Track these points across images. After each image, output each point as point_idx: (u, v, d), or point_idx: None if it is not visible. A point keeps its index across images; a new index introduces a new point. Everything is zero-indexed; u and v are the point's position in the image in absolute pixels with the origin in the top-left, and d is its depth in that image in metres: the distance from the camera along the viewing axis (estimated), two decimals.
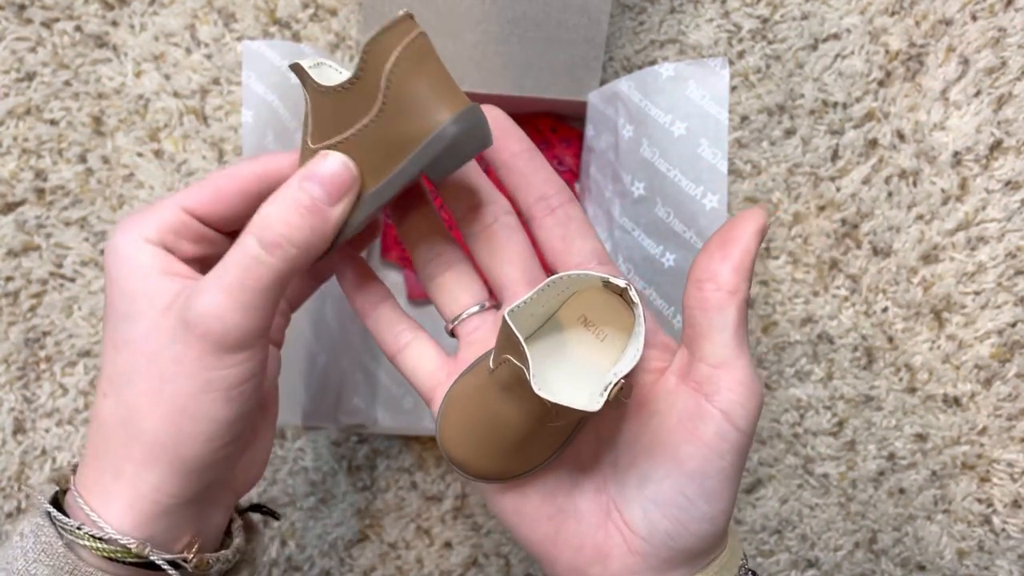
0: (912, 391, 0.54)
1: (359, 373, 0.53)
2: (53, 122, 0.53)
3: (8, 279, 0.53)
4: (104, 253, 0.29)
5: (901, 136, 0.54)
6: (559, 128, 0.54)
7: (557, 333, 0.29)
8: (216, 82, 0.54)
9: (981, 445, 0.54)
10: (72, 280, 0.54)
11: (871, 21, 0.53)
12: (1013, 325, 0.53)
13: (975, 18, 0.53)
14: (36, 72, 0.53)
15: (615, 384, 0.24)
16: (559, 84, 0.48)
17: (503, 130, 0.31)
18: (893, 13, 0.53)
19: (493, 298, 0.33)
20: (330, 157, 0.27)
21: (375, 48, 0.26)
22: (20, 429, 0.54)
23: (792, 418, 0.55)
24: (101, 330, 0.54)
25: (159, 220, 0.29)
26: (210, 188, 0.30)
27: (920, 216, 0.54)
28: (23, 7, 0.53)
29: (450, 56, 0.48)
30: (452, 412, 0.29)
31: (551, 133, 0.54)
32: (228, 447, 0.28)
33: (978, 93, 0.53)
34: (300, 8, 0.54)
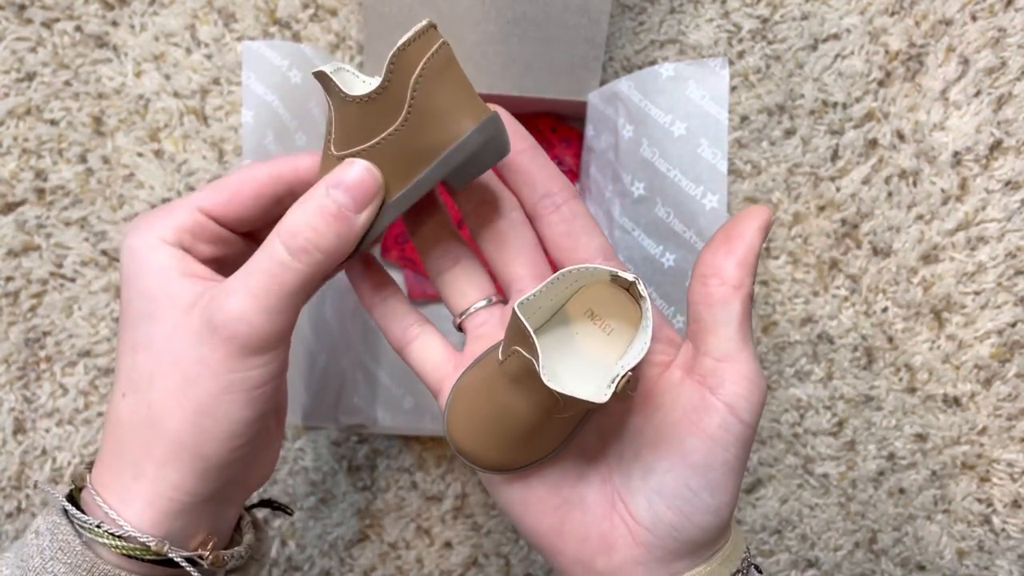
0: (912, 391, 0.54)
1: (359, 373, 0.53)
2: (53, 122, 0.53)
3: (8, 279, 0.53)
4: (121, 254, 0.29)
5: (901, 136, 0.54)
6: (559, 128, 0.54)
7: (564, 326, 0.29)
8: (216, 82, 0.54)
9: (981, 445, 0.54)
10: (72, 280, 0.54)
11: (871, 21, 0.53)
12: (1013, 325, 0.53)
13: (975, 18, 0.53)
14: (36, 72, 0.53)
15: (622, 376, 0.25)
16: (559, 84, 0.48)
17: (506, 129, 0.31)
18: (893, 13, 0.53)
19: (500, 293, 0.33)
20: (356, 165, 0.28)
21: (402, 59, 0.26)
22: (20, 429, 0.54)
23: (792, 418, 0.55)
24: (112, 330, 0.54)
25: (176, 221, 0.29)
26: (226, 189, 0.30)
27: (920, 216, 0.54)
28: (23, 7, 0.53)
29: None
30: (460, 404, 0.30)
31: (551, 133, 0.54)
32: (247, 446, 0.29)
33: (978, 93, 0.53)
34: (300, 8, 0.54)
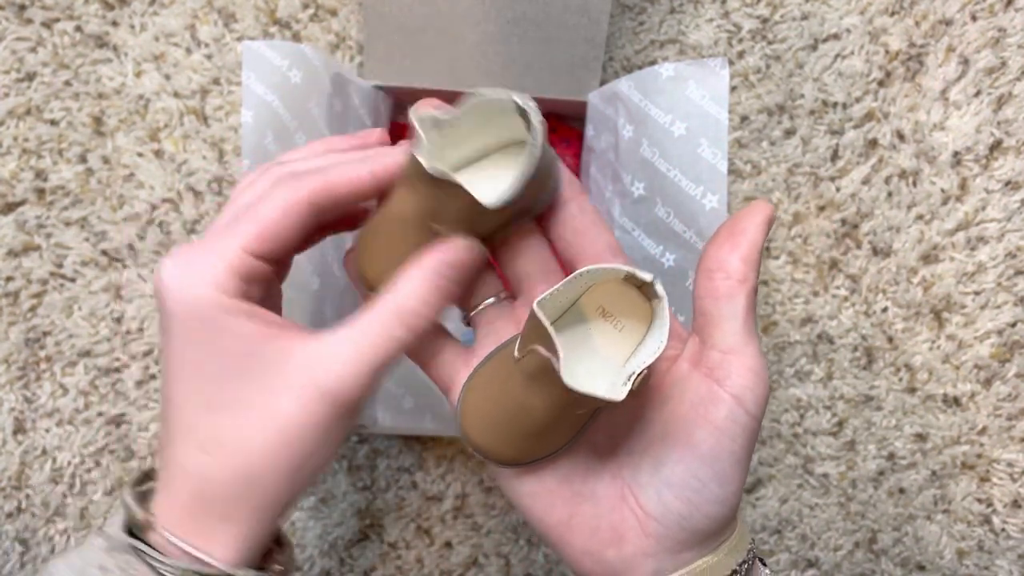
0: (912, 391, 0.54)
1: None
2: (53, 122, 0.53)
3: (8, 279, 0.53)
4: (173, 304, 0.28)
5: (901, 136, 0.54)
6: (559, 128, 0.54)
7: (576, 323, 0.30)
8: (216, 82, 0.54)
9: (981, 445, 0.54)
10: (72, 280, 0.54)
11: (871, 21, 0.53)
12: (1013, 325, 0.53)
13: (975, 18, 0.53)
14: (36, 72, 0.53)
15: (638, 374, 0.25)
16: (559, 84, 0.48)
17: None
18: (893, 13, 0.53)
19: (507, 289, 0.33)
20: (469, 248, 0.29)
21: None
22: (20, 429, 0.54)
23: (792, 418, 0.55)
24: (112, 330, 0.54)
25: (230, 269, 0.28)
26: (267, 227, 0.29)
27: (920, 216, 0.54)
28: (23, 7, 0.53)
29: (450, 56, 0.48)
30: (473, 399, 0.30)
31: (551, 133, 0.54)
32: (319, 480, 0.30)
33: (978, 93, 0.53)
34: (300, 8, 0.54)
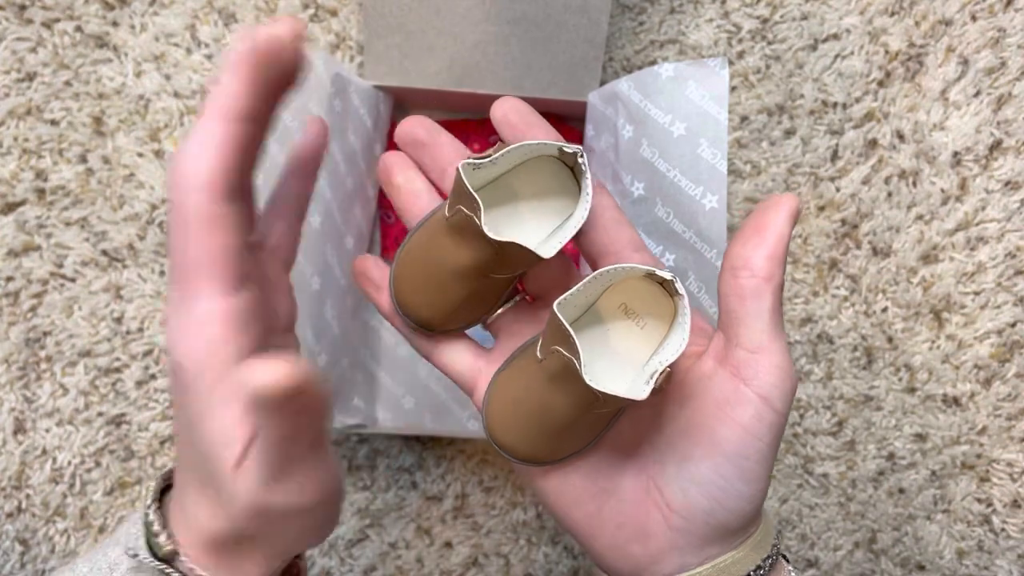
0: (912, 391, 0.54)
1: (359, 373, 0.53)
2: (54, 122, 0.53)
3: (8, 279, 0.53)
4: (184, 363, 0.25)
5: (901, 136, 0.54)
6: (559, 128, 0.54)
7: (598, 321, 0.30)
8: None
9: (981, 445, 0.54)
10: (72, 280, 0.54)
11: (871, 21, 0.53)
12: (1013, 325, 0.53)
13: (975, 18, 0.53)
14: (37, 72, 0.53)
15: (661, 373, 0.25)
16: (559, 84, 0.48)
17: (527, 122, 0.31)
18: (893, 13, 0.53)
19: (522, 289, 0.33)
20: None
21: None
22: (20, 429, 0.54)
23: (792, 418, 0.55)
24: (112, 330, 0.54)
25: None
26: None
27: (920, 216, 0.54)
28: (23, 7, 0.53)
29: (450, 56, 0.48)
30: (498, 400, 0.30)
31: None
32: None
33: (978, 93, 0.53)
34: (300, 8, 0.54)
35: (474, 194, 0.26)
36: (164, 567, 0.27)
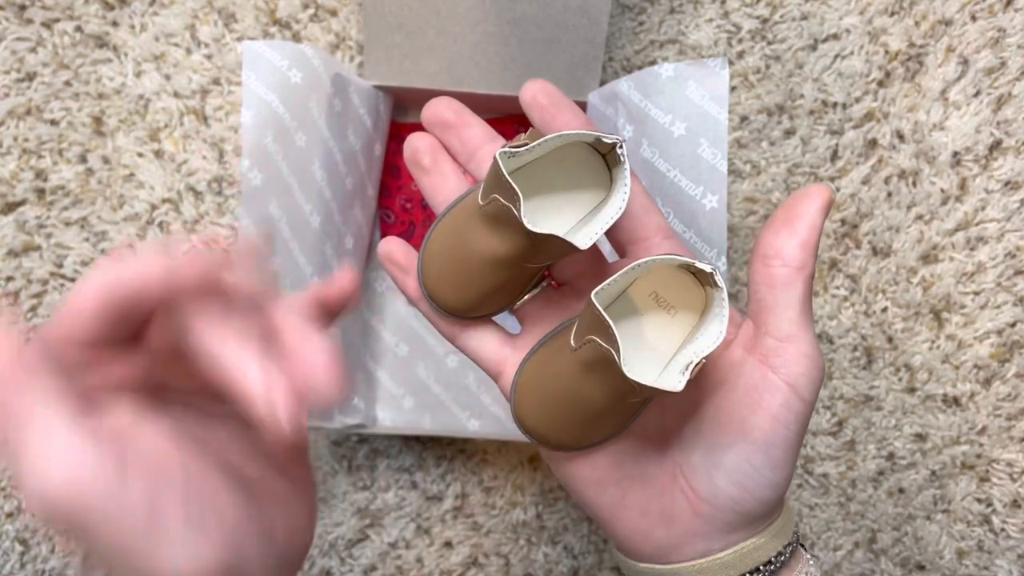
0: (912, 391, 0.54)
1: (359, 373, 0.53)
2: (53, 122, 0.53)
3: (8, 279, 0.53)
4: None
5: (901, 136, 0.54)
6: None
7: (629, 310, 0.30)
8: (216, 82, 0.54)
9: (981, 445, 0.54)
10: (72, 280, 0.54)
11: (871, 21, 0.53)
12: (1013, 325, 0.53)
13: (975, 18, 0.53)
14: (36, 72, 0.53)
15: (696, 364, 0.25)
16: (559, 84, 0.48)
17: (555, 104, 0.31)
18: (893, 13, 0.53)
19: (548, 276, 0.33)
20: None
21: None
22: None
23: None
24: None
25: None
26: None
27: (920, 216, 0.54)
28: (23, 7, 0.53)
29: (450, 56, 0.48)
30: (527, 386, 0.30)
31: None
32: None
33: (978, 93, 0.53)
34: (300, 8, 0.54)
35: (513, 185, 0.25)
36: None
